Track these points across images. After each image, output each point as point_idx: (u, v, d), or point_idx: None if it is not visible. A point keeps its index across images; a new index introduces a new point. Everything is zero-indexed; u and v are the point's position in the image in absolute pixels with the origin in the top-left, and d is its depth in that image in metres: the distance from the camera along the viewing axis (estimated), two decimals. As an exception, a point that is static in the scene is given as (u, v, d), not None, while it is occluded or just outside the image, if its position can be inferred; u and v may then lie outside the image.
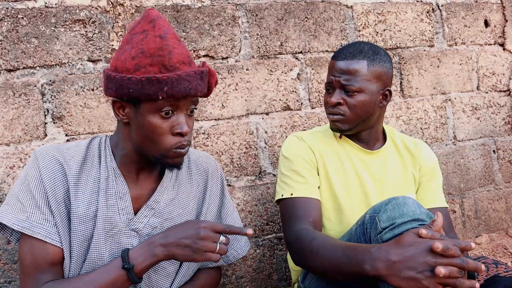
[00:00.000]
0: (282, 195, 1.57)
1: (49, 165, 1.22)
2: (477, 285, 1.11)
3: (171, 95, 1.13)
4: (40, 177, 1.20)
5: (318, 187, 1.60)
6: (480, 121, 2.62)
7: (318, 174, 1.61)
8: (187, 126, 1.20)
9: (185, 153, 1.23)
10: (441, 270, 1.07)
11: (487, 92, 2.64)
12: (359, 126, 1.58)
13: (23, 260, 1.20)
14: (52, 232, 1.19)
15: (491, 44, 2.66)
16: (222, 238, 1.21)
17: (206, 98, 1.99)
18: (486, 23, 2.66)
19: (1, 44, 1.71)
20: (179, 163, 1.25)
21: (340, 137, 1.66)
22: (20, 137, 1.74)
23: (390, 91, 1.59)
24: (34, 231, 1.17)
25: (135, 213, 1.29)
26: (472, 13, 2.61)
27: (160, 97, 1.13)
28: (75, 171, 1.24)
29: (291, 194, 1.55)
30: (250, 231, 1.21)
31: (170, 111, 1.17)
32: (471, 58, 2.60)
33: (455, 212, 2.53)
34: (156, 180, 1.33)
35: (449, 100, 2.53)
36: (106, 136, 1.33)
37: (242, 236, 1.51)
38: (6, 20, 1.72)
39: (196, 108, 1.24)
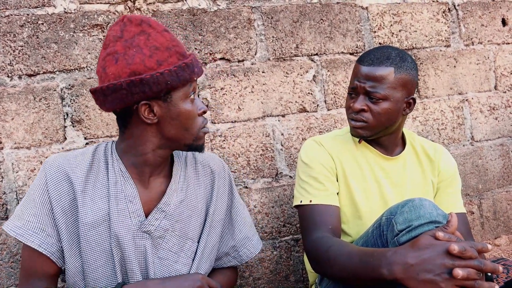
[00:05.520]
0: (301, 201, 1.57)
1: (55, 174, 1.26)
2: (496, 287, 1.10)
3: (197, 74, 1.25)
4: (46, 187, 1.25)
5: (337, 193, 1.59)
6: (498, 121, 2.59)
7: (337, 180, 1.61)
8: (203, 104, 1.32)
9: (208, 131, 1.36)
10: (459, 272, 1.07)
11: (505, 92, 2.62)
12: (380, 132, 1.56)
13: (23, 262, 1.27)
14: (46, 242, 1.24)
15: (509, 43, 2.64)
16: None
17: (223, 101, 2.01)
18: (504, 22, 2.63)
19: (22, 49, 1.75)
20: (204, 143, 1.34)
21: (359, 142, 1.65)
22: (41, 140, 1.77)
23: (414, 100, 1.56)
24: (28, 239, 1.23)
25: (146, 216, 1.31)
26: (489, 12, 2.58)
27: (195, 78, 1.25)
28: (82, 178, 1.27)
29: (310, 201, 1.55)
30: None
31: (192, 94, 1.26)
32: (488, 57, 2.58)
33: (473, 213, 2.51)
34: (164, 183, 1.35)
35: (466, 100, 2.51)
36: (113, 141, 1.35)
37: (254, 234, 1.53)
38: (26, 26, 1.76)
39: None
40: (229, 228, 1.49)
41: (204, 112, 1.30)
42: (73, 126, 1.81)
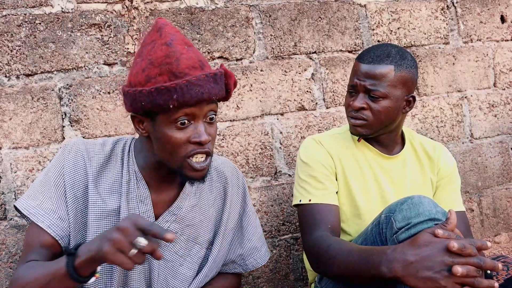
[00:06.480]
0: (300, 201, 1.57)
1: (73, 159, 1.25)
2: (496, 284, 1.10)
3: (182, 102, 1.09)
4: (62, 171, 1.24)
5: (336, 192, 1.59)
6: (498, 118, 2.59)
7: (337, 179, 1.60)
8: (206, 135, 1.15)
9: (206, 167, 1.18)
10: (459, 269, 1.07)
11: (504, 89, 2.61)
12: (380, 131, 1.56)
13: (25, 239, 1.25)
14: (55, 224, 1.21)
15: (508, 40, 2.63)
16: (140, 239, 0.96)
17: (221, 100, 2.00)
18: (503, 19, 2.63)
19: (19, 49, 1.74)
20: (201, 176, 1.20)
21: (358, 140, 1.64)
22: (39, 140, 1.77)
23: (414, 98, 1.56)
24: (39, 219, 1.21)
25: (156, 218, 1.29)
26: (488, 9, 2.58)
27: (171, 106, 1.09)
28: (96, 168, 1.26)
29: (309, 200, 1.54)
30: (169, 235, 0.95)
31: (187, 121, 1.13)
32: (487, 54, 2.57)
33: (473, 211, 2.51)
34: (177, 186, 1.32)
35: (465, 97, 2.51)
36: (133, 138, 1.33)
37: (263, 246, 1.51)
38: (24, 26, 1.75)
39: (215, 114, 1.19)
40: (238, 236, 1.47)
41: (199, 143, 1.15)
42: (71, 125, 1.81)
